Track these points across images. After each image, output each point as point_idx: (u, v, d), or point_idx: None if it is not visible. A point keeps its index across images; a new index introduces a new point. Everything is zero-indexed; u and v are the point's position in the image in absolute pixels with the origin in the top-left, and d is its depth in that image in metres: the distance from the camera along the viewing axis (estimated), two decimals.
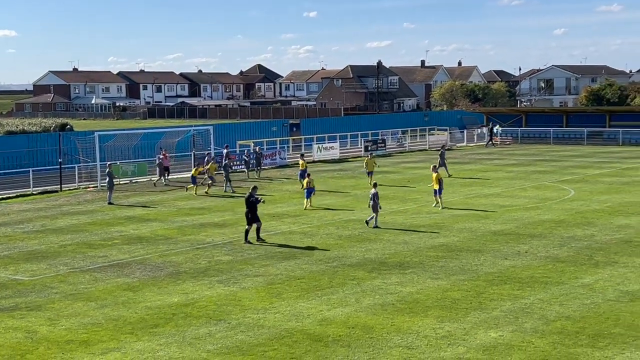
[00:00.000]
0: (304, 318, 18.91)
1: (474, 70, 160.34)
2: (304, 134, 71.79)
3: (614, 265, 23.40)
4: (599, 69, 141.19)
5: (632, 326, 17.67)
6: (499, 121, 79.61)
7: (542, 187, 41.41)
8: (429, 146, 70.99)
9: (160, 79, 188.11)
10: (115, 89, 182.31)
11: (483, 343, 16.83)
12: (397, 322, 18.38)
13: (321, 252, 26.32)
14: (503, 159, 58.36)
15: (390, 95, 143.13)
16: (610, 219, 31.08)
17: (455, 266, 23.80)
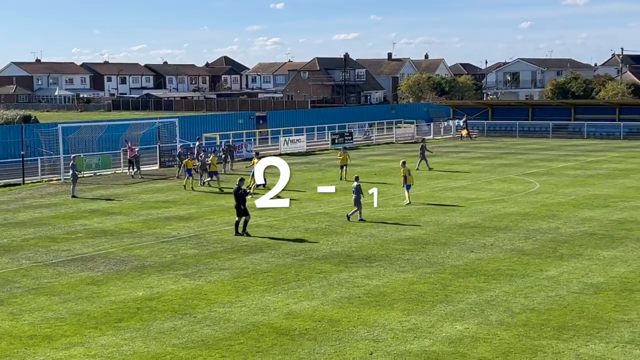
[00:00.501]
0: (270, 312, 18.83)
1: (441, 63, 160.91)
2: (270, 126, 71.57)
3: (579, 258, 23.58)
4: (564, 62, 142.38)
5: (596, 318, 17.81)
6: (465, 114, 80.00)
7: (507, 180, 41.66)
8: (395, 139, 71.12)
9: (124, 71, 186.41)
10: (79, 80, 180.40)
11: (449, 335, 16.87)
12: (364, 315, 18.37)
13: (288, 245, 26.24)
14: (469, 152, 58.65)
15: (357, 88, 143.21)
16: (574, 212, 31.34)
17: (421, 259, 23.84)
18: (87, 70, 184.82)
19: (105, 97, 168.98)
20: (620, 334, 16.69)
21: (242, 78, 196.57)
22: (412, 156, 55.76)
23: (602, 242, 25.66)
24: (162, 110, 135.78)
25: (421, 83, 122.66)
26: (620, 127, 70.29)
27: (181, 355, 16.10)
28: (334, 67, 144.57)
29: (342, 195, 36.74)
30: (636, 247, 24.89)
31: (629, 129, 70.06)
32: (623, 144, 64.12)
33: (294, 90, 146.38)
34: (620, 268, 22.27)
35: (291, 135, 64.94)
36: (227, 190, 38.18)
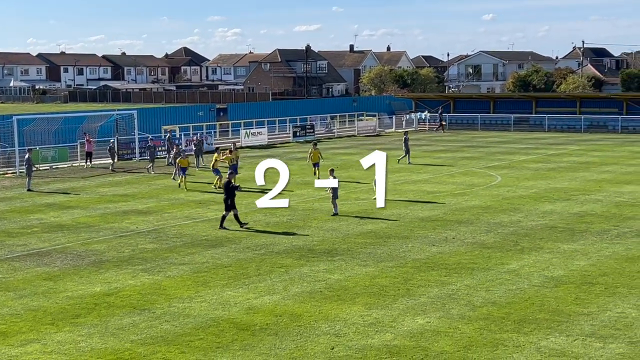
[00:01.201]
0: (230, 307, 18.60)
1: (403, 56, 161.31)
2: (231, 119, 71.07)
3: (539, 251, 23.66)
4: (525, 55, 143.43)
5: (556, 311, 17.84)
6: (427, 107, 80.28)
7: (469, 174, 41.79)
8: (357, 132, 71.10)
9: (81, 62, 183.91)
10: (34, 71, 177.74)
11: (410, 329, 16.79)
12: (325, 310, 18.22)
13: (249, 239, 26.00)
14: (431, 145, 58.80)
15: (319, 80, 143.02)
16: (535, 205, 31.48)
17: (383, 253, 23.76)
18: (43, 61, 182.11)
19: (62, 88, 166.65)
20: (581, 327, 16.73)
21: (202, 69, 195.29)
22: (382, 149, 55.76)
23: (563, 236, 25.79)
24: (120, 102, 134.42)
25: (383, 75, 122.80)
26: (581, 121, 70.98)
27: (140, 351, 15.83)
28: (296, 59, 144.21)
29: (303, 189, 36.60)
30: (596, 240, 25.05)
31: (589, 122, 70.77)
32: (584, 137, 64.75)
33: (255, 82, 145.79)
34: (581, 261, 22.37)
35: (252, 127, 64.61)
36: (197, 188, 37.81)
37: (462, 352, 15.47)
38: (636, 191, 34.59)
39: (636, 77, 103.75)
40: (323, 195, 34.32)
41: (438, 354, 15.41)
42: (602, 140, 61.39)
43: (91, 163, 47.12)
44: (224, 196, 27.99)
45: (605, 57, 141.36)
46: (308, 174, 42.14)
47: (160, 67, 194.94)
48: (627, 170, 41.97)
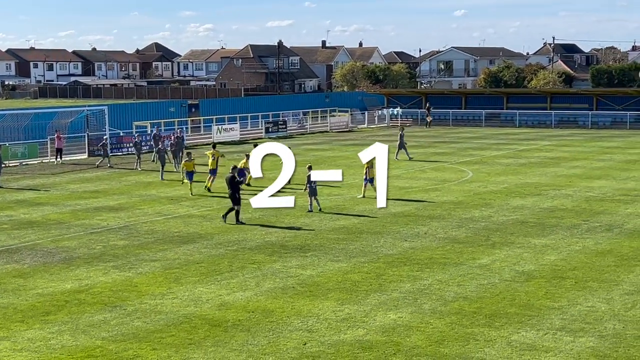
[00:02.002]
0: (202, 303, 18.54)
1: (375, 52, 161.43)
2: (203, 114, 70.75)
3: (510, 246, 23.81)
4: (497, 51, 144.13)
5: (527, 305, 17.97)
6: (399, 103, 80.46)
7: (441, 169, 41.96)
8: (330, 128, 71.12)
9: (51, 57, 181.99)
10: (3, 67, 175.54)
11: (382, 325, 16.83)
12: (297, 306, 18.22)
13: (221, 235, 25.93)
14: None
15: (291, 76, 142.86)
16: (506, 200, 31.67)
17: (355, 248, 23.79)
18: (12, 56, 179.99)
19: (32, 84, 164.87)
20: (551, 321, 16.87)
21: (173, 65, 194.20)
22: (350, 145, 55.86)
23: (534, 230, 25.97)
24: (91, 98, 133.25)
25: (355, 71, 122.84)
26: (551, 116, 71.50)
27: (111, 348, 15.73)
28: (268, 55, 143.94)
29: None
30: (566, 235, 25.26)
31: (560, 117, 71.31)
32: (554, 132, 65.23)
33: (227, 78, 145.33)
34: (551, 256, 22.55)
35: (224, 123, 64.35)
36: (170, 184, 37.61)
37: (434, 347, 15.53)
38: (606, 186, 34.92)
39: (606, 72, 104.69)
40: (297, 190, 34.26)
41: (410, 348, 15.47)
42: (572, 135, 61.88)
43: (61, 159, 46.74)
44: (229, 192, 27.96)
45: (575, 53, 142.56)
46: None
47: (131, 63, 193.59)
48: (597, 166, 42.35)
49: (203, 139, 60.29)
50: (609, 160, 44.51)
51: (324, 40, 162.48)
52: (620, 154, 47.67)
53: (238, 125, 63.48)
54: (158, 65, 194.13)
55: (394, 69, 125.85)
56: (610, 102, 72.22)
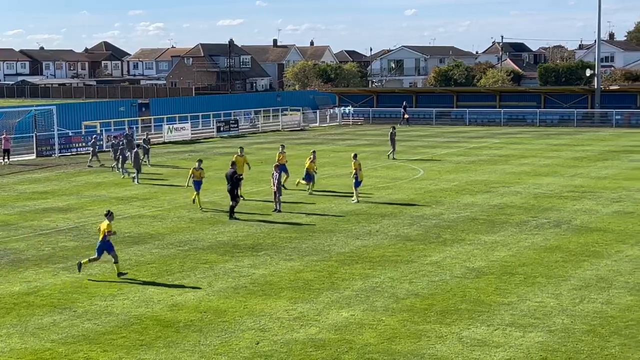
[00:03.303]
0: (154, 304, 18.41)
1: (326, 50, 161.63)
2: (153, 114, 70.23)
3: (461, 243, 24.04)
4: (446, 50, 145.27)
5: (477, 302, 18.16)
6: (351, 101, 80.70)
7: (392, 167, 42.18)
8: (282, 127, 71.08)
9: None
10: None
11: (335, 323, 16.87)
12: (250, 305, 18.18)
13: (172, 235, 25.76)
14: (355, 140, 59.16)
15: (242, 75, 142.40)
16: (457, 198, 31.96)
17: (308, 247, 23.81)
18: None
19: None
20: (501, 317, 17.07)
21: (123, 64, 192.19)
22: (302, 144, 55.87)
23: (484, 227, 26.26)
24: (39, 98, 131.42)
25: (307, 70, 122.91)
26: (500, 114, 72.34)
27: (61, 350, 15.53)
28: (219, 54, 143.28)
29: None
30: (516, 231, 25.58)
31: (508, 115, 72.19)
32: (503, 130, 66.00)
33: (178, 77, 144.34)
34: (501, 252, 22.82)
35: (175, 123, 63.96)
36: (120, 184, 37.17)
37: (386, 344, 15.62)
38: (554, 183, 35.44)
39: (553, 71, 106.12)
40: (247, 190, 34.21)
41: (362, 346, 15.54)
42: (521, 133, 62.68)
43: (9, 160, 46.03)
44: (228, 187, 28.22)
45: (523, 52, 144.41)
46: None
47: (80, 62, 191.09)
48: (545, 163, 42.95)
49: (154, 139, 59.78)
50: (556, 158, 45.18)
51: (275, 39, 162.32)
52: (567, 151, 48.41)
53: (189, 124, 63.13)
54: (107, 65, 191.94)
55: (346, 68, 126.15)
56: (557, 100, 73.31)
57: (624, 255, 22.15)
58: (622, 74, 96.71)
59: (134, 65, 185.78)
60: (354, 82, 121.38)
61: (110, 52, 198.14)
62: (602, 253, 22.49)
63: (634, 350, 15.05)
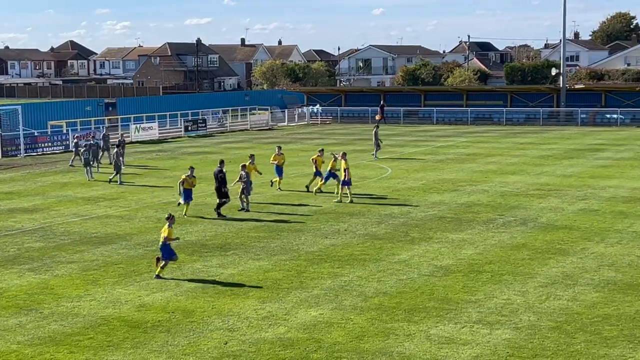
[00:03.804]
0: (121, 304, 18.29)
1: (294, 50, 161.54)
2: (120, 113, 69.73)
3: (429, 241, 24.16)
4: (414, 49, 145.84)
5: (445, 299, 18.27)
6: (319, 101, 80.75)
7: (360, 166, 42.26)
8: (250, 126, 70.94)
9: None
10: None
11: (303, 322, 16.89)
12: (218, 305, 18.13)
13: (140, 236, 25.61)
14: (323, 139, 59.18)
15: (210, 74, 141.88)
16: (425, 196, 32.11)
17: (276, 246, 23.80)
18: None
19: None
20: (468, 315, 17.19)
21: (89, 63, 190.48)
22: (270, 143, 55.80)
23: (451, 226, 26.41)
24: (4, 97, 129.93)
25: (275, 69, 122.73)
26: (467, 113, 72.79)
27: (27, 352, 15.39)
28: (186, 53, 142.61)
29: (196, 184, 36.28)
30: (483, 229, 25.76)
31: (475, 114, 72.66)
32: (470, 129, 66.41)
33: (145, 76, 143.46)
34: (468, 250, 22.97)
35: (142, 122, 63.57)
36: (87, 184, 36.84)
37: (354, 343, 15.66)
38: (520, 181, 35.74)
39: (519, 70, 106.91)
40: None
41: (331, 345, 15.57)
42: (487, 132, 63.12)
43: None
44: (215, 185, 28.25)
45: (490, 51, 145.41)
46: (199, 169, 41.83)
47: (46, 61, 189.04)
48: (511, 161, 43.28)
49: None
50: (523, 156, 45.55)
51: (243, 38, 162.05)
52: (533, 150, 48.83)
53: (156, 124, 62.79)
54: (74, 64, 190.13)
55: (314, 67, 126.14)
56: (524, 99, 73.93)
57: (589, 253, 22.40)
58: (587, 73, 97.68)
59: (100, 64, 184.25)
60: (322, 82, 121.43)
61: (77, 51, 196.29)
62: (568, 250, 22.73)
63: (600, 346, 15.24)
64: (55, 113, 65.57)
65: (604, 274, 20.16)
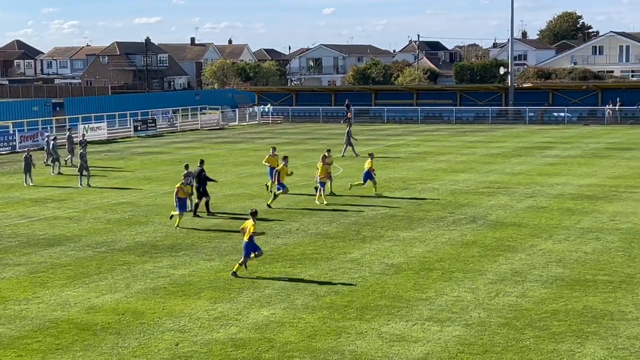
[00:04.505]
0: (70, 307, 18.05)
1: (245, 49, 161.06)
2: (68, 113, 68.81)
3: (380, 240, 24.27)
4: (364, 48, 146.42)
5: (396, 297, 18.36)
6: (270, 100, 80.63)
7: (312, 166, 42.22)
8: (201, 126, 70.55)
9: None
10: None
11: (255, 322, 16.84)
12: (169, 306, 17.99)
13: (88, 237, 25.29)
14: (275, 138, 59.09)
15: (160, 74, 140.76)
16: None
17: (228, 246, 23.69)
18: None
19: None
20: (420, 312, 17.30)
21: (36, 63, 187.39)
22: (221, 142, 55.57)
23: (402, 224, 26.56)
24: None
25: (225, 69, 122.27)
26: (417, 112, 73.30)
27: None
28: (136, 52, 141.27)
29: (145, 184, 36.00)
30: (433, 227, 25.95)
31: (425, 113, 73.21)
32: (420, 127, 66.88)
33: (93, 76, 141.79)
34: (419, 248, 23.12)
35: (91, 122, 62.82)
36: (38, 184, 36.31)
37: (306, 342, 15.66)
38: (470, 179, 36.09)
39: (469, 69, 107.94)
40: (166, 190, 33.85)
41: (283, 344, 15.55)
42: (437, 130, 63.63)
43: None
44: (196, 185, 28.26)
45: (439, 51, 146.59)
46: (149, 169, 41.53)
47: None
48: (461, 160, 43.68)
49: None
50: (472, 154, 46.00)
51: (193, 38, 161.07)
52: (482, 148, 49.35)
53: (105, 124, 62.10)
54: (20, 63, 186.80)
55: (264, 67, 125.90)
56: (473, 97, 74.70)
57: (537, 249, 22.70)
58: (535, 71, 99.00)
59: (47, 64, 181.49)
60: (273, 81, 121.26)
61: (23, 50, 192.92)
62: (517, 247, 23.01)
63: (548, 341, 15.45)
64: (1, 113, 64.43)
65: (552, 270, 20.45)
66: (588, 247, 22.81)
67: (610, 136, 55.45)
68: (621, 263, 21.04)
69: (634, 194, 31.39)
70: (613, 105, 67.14)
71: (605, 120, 66.63)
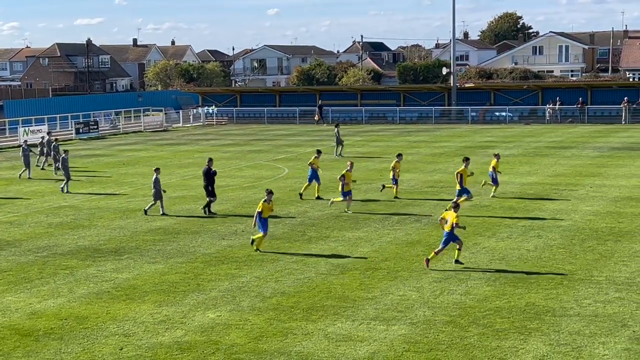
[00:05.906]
0: (11, 313, 17.73)
1: (188, 50, 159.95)
2: (8, 116, 67.57)
3: (326, 240, 24.32)
4: (308, 49, 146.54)
5: (342, 297, 18.42)
6: (214, 101, 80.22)
7: (257, 167, 42.20)
8: (144, 127, 69.88)
9: None
10: None
11: (201, 324, 16.74)
12: (113, 310, 17.78)
13: (29, 242, 24.87)
14: (219, 139, 58.84)
15: (102, 75, 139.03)
16: (321, 195, 32.22)
17: (172, 249, 23.51)
18: None
19: None
20: (365, 311, 17.38)
21: None
22: (165, 144, 55.12)
23: (347, 224, 26.64)
24: None
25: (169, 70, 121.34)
26: (362, 112, 73.63)
27: None
28: (77, 54, 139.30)
29: (89, 188, 35.55)
30: (378, 227, 26.08)
31: (370, 113, 73.57)
32: (365, 128, 67.17)
33: (33, 78, 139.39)
34: (365, 248, 23.22)
35: (31, 125, 61.75)
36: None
37: (253, 344, 15.62)
38: (414, 179, 36.36)
39: (412, 69, 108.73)
40: (109, 192, 33.47)
41: (229, 346, 15.48)
42: (382, 131, 63.98)
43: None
44: (203, 183, 28.19)
45: (383, 51, 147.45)
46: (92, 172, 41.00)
47: None
48: (405, 159, 43.78)
49: (8, 142, 57.74)
50: (416, 154, 46.36)
51: (135, 39, 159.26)
52: (426, 148, 49.77)
53: (46, 126, 61.07)
54: None
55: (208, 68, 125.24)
56: (416, 97, 75.30)
57: (480, 247, 22.97)
58: (477, 72, 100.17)
59: None
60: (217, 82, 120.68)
61: None
62: None
63: (492, 338, 15.64)
64: None
65: (495, 268, 20.72)
66: (530, 245, 23.16)
67: (551, 135, 56.40)
68: (562, 260, 21.41)
69: (575, 191, 31.98)
70: (553, 105, 68.29)
71: (546, 119, 67.74)
